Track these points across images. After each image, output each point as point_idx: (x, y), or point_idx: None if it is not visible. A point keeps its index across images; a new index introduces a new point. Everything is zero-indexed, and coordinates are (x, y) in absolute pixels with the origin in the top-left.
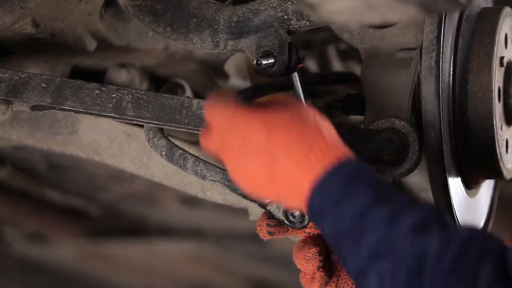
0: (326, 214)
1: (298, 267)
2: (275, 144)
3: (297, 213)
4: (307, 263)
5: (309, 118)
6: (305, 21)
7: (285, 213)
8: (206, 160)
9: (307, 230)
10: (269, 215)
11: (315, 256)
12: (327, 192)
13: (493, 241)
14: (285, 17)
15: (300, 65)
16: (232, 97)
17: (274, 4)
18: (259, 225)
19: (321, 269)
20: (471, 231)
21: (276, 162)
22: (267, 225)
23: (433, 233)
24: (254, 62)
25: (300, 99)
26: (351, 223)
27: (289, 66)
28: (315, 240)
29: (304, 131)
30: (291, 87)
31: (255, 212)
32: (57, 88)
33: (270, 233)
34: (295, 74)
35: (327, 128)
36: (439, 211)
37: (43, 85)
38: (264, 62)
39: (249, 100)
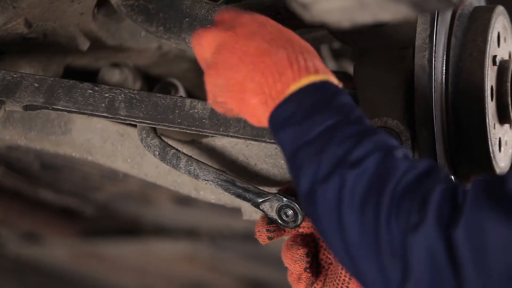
0: (294, 121)
1: (285, 265)
2: (279, 42)
3: (290, 212)
4: (294, 264)
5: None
6: (297, 21)
7: (279, 212)
8: (199, 159)
9: (300, 230)
10: (268, 220)
11: (302, 257)
12: (304, 100)
13: (449, 175)
14: (278, 16)
15: None
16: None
17: (266, 4)
18: (258, 231)
19: (307, 270)
20: (433, 163)
21: (272, 53)
22: (267, 230)
23: (400, 157)
24: None
25: None
26: (319, 133)
27: None
28: (304, 239)
29: (309, 46)
30: None
31: (248, 211)
32: (50, 88)
33: (269, 238)
34: None
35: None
36: (397, 145)
37: (36, 85)
38: None
39: None
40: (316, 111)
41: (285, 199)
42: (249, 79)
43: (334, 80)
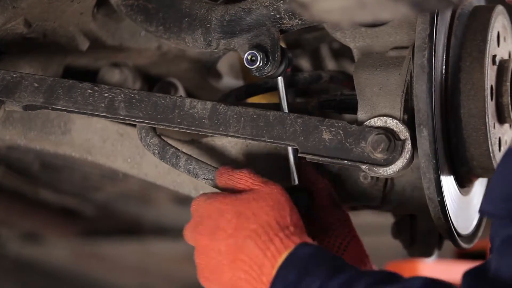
0: None
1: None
2: (243, 232)
3: None
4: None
5: (280, 203)
6: (297, 20)
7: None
8: (199, 158)
9: None
10: None
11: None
12: (286, 277)
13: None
14: (277, 16)
15: (289, 70)
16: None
17: (266, 3)
18: None
19: None
20: (425, 281)
21: (242, 247)
22: None
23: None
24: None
25: (283, 105)
26: None
27: (281, 65)
28: None
29: (273, 219)
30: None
31: None
32: (49, 87)
33: None
34: (281, 78)
35: (291, 211)
36: (392, 274)
37: (36, 84)
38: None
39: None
40: (302, 278)
41: None
42: (236, 278)
43: (306, 238)
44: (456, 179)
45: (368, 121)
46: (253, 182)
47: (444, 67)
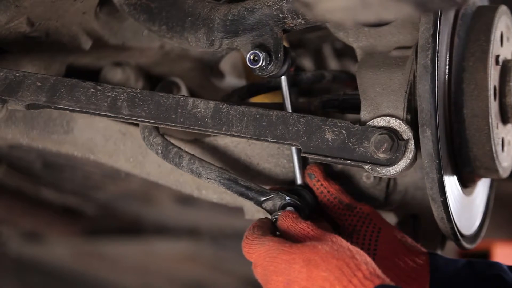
0: None
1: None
2: (316, 281)
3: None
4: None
5: (344, 247)
6: (300, 20)
7: (281, 210)
8: (201, 158)
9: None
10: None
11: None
12: None
13: None
14: (280, 15)
15: (291, 69)
16: (270, 233)
17: (269, 3)
18: None
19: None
20: None
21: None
22: None
23: None
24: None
25: (286, 104)
26: None
27: (284, 65)
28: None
29: (342, 263)
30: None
31: (251, 210)
32: (52, 87)
33: None
34: (284, 78)
35: (361, 255)
36: None
37: (38, 84)
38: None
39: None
40: None
41: (287, 198)
42: None
43: (383, 278)
44: (459, 179)
45: (371, 121)
46: (313, 232)
47: (447, 67)
